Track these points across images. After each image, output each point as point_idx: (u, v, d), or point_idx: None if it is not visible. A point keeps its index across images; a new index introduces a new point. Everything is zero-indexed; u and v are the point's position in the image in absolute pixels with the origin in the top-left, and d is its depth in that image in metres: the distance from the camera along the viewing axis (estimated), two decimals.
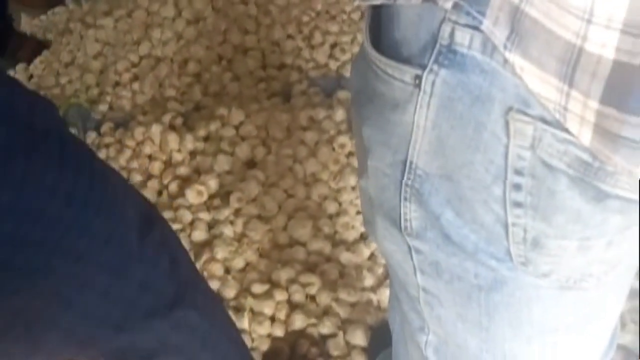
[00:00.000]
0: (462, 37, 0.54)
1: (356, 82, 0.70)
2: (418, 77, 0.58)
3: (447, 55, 0.56)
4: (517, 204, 0.58)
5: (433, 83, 0.57)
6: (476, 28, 0.53)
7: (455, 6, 0.53)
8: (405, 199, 0.66)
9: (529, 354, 0.72)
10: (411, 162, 0.63)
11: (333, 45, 2.23)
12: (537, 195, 0.57)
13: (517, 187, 0.57)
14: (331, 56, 2.21)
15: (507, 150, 0.56)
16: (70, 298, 0.81)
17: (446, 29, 0.55)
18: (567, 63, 0.49)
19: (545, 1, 0.49)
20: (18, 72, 2.32)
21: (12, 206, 0.71)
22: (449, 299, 0.71)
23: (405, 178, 0.65)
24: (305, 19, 2.30)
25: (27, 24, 2.54)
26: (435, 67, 0.57)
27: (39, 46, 2.41)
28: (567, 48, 0.49)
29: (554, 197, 0.56)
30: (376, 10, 0.64)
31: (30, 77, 2.32)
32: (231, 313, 1.53)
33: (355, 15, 2.30)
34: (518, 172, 0.56)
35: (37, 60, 2.36)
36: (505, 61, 0.53)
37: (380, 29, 0.63)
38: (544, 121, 0.53)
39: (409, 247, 0.70)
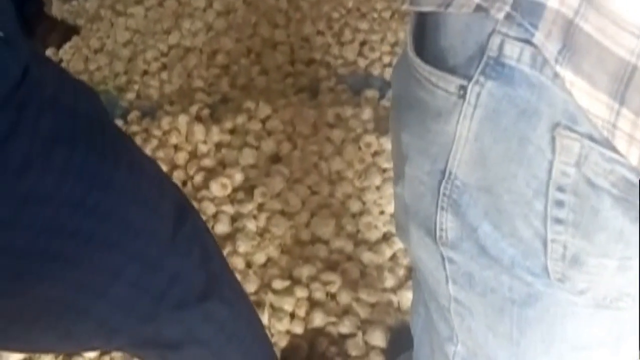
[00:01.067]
0: (512, 49, 0.53)
1: (397, 88, 0.70)
2: (463, 88, 0.57)
3: (494, 67, 0.55)
4: (558, 221, 0.57)
5: (478, 94, 0.56)
6: (527, 41, 0.52)
7: (508, 17, 0.52)
8: (442, 208, 0.65)
9: None
10: (450, 172, 0.63)
11: (362, 43, 2.22)
12: (579, 212, 0.56)
13: (560, 203, 0.57)
14: (360, 54, 2.20)
15: (552, 166, 0.55)
16: (103, 288, 0.81)
17: (495, 40, 0.54)
18: (619, 80, 0.49)
19: (600, 17, 0.48)
20: None
21: (53, 193, 0.71)
22: (481, 311, 0.70)
23: (443, 188, 0.64)
24: (336, 15, 2.29)
25: (58, 9, 2.55)
26: (481, 79, 0.56)
27: (69, 31, 2.42)
28: (621, 65, 0.48)
29: (596, 216, 0.55)
30: (421, 16, 0.63)
31: (60, 62, 2.33)
32: None
33: (386, 14, 2.29)
34: (561, 189, 0.56)
35: (66, 46, 2.37)
36: (555, 76, 0.52)
37: (424, 36, 0.63)
38: (592, 139, 0.52)
39: (443, 257, 0.69)
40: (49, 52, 2.35)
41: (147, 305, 0.87)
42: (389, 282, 1.60)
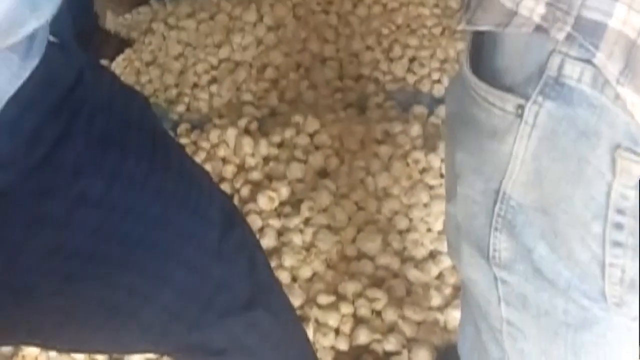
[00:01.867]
0: (572, 69, 0.53)
1: (452, 106, 0.70)
2: (520, 107, 0.57)
3: (554, 87, 0.54)
4: (617, 244, 0.56)
5: (536, 114, 0.56)
6: (588, 61, 0.52)
7: (569, 37, 0.52)
8: (496, 229, 0.65)
9: None
10: (504, 193, 0.62)
11: (412, 59, 2.22)
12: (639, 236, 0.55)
13: (619, 226, 0.56)
14: (409, 70, 2.19)
15: (611, 188, 0.54)
16: (151, 294, 0.82)
17: (555, 60, 0.54)
18: None
19: None
20: None
21: (104, 197, 0.72)
22: (534, 334, 0.69)
23: (497, 208, 0.63)
24: (385, 31, 2.29)
25: (111, 21, 2.60)
26: (539, 99, 0.55)
27: (122, 44, 2.46)
28: None
29: None
30: (479, 36, 0.63)
31: (104, 66, 2.37)
32: None
33: (436, 31, 2.28)
34: (620, 212, 0.55)
35: (119, 58, 2.41)
36: (617, 97, 0.51)
37: (481, 54, 0.62)
38: None
39: (495, 278, 0.68)
40: (102, 64, 2.38)
41: (194, 312, 0.87)
42: (435, 300, 1.59)
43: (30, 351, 1.54)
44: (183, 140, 2.04)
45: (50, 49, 0.67)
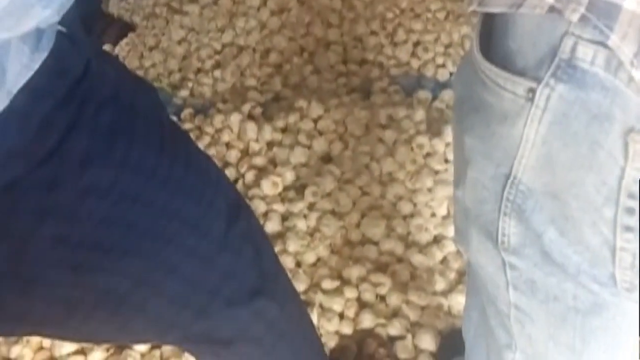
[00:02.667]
0: (585, 52, 0.52)
1: (460, 90, 0.69)
2: (532, 90, 0.56)
3: (566, 70, 0.54)
4: (628, 228, 0.56)
5: (548, 97, 0.55)
6: (601, 43, 0.51)
7: (582, 19, 0.51)
8: (505, 214, 0.64)
9: None
10: (515, 177, 0.62)
11: (416, 44, 2.21)
12: None
13: (630, 211, 0.55)
14: (413, 54, 2.18)
15: (623, 172, 0.54)
16: (159, 283, 0.82)
17: (568, 42, 0.53)
18: None
19: None
20: None
21: (112, 186, 0.72)
22: (542, 319, 0.69)
23: (506, 192, 0.63)
24: (390, 15, 2.28)
25: (114, 6, 2.58)
26: (552, 82, 0.55)
27: (125, 28, 2.45)
28: None
29: None
30: (489, 18, 0.62)
31: (112, 56, 2.36)
32: None
33: (440, 15, 2.27)
34: (632, 196, 0.54)
35: (122, 42, 2.40)
36: (630, 79, 0.51)
37: (492, 37, 0.62)
38: None
39: (504, 262, 0.68)
40: (105, 48, 2.38)
41: (201, 302, 0.88)
42: (440, 285, 1.59)
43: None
44: (187, 125, 2.04)
45: (59, 39, 0.67)
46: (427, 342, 1.50)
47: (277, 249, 1.67)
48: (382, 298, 1.59)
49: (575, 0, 0.51)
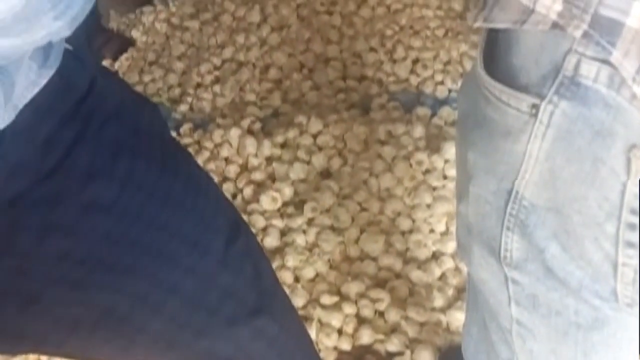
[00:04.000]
0: (588, 69, 0.53)
1: (464, 106, 0.70)
2: (535, 107, 0.57)
3: (569, 87, 0.54)
4: (630, 244, 0.56)
5: (551, 114, 0.56)
6: (604, 61, 0.52)
7: (585, 35, 0.52)
8: (508, 228, 0.65)
9: None
10: (517, 192, 0.62)
11: (415, 61, 2.22)
12: None
13: (632, 226, 0.56)
14: (412, 71, 2.19)
15: (625, 188, 0.55)
16: (159, 302, 0.82)
17: (571, 60, 0.54)
18: None
19: None
20: None
21: (114, 202, 0.72)
22: (544, 334, 0.69)
23: (509, 208, 0.63)
24: (389, 32, 2.29)
25: (114, 21, 2.60)
26: (555, 98, 0.55)
27: (125, 43, 2.46)
28: None
29: None
30: (493, 34, 0.63)
31: (115, 73, 2.37)
32: None
33: (439, 32, 2.29)
34: (634, 212, 0.55)
35: (122, 57, 2.41)
36: (633, 97, 0.51)
37: (495, 53, 0.62)
38: None
39: (506, 277, 0.69)
40: (105, 63, 2.39)
41: (201, 321, 0.87)
42: (438, 301, 1.59)
43: None
44: (186, 140, 2.04)
45: (66, 57, 0.67)
46: (426, 358, 1.49)
47: (276, 264, 1.68)
48: (381, 314, 1.59)
49: (579, 17, 0.52)
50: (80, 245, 0.72)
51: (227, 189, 1.90)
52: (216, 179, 1.92)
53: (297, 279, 1.67)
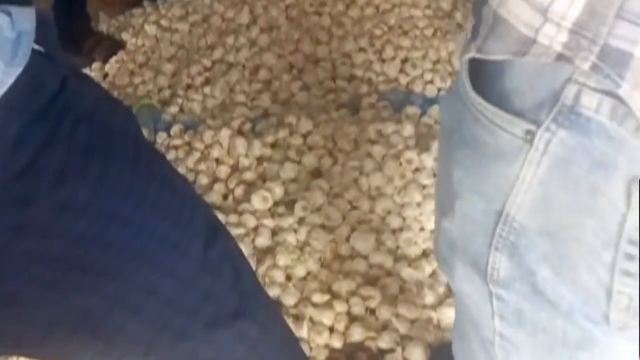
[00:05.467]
0: (590, 100, 0.52)
1: (448, 121, 0.67)
2: (530, 133, 0.55)
3: (568, 116, 0.53)
4: (627, 273, 0.56)
5: (548, 142, 0.55)
6: (607, 92, 0.50)
7: (594, 67, 0.50)
8: (497, 249, 0.63)
9: None
10: (508, 215, 0.61)
11: (404, 60, 2.23)
12: None
13: (630, 257, 0.55)
14: (402, 71, 2.20)
15: (624, 219, 0.54)
16: (138, 305, 0.81)
17: (571, 89, 0.52)
18: None
19: None
20: (94, 71, 2.38)
21: (88, 204, 0.71)
22: (529, 349, 0.68)
23: (499, 229, 0.62)
24: (378, 32, 2.30)
25: (104, 23, 2.60)
26: (552, 126, 0.54)
27: (115, 46, 2.46)
28: None
29: None
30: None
31: (105, 75, 2.37)
32: (291, 321, 1.54)
33: (428, 32, 2.30)
34: (633, 242, 0.54)
35: (112, 60, 2.41)
36: (637, 129, 0.50)
37: (484, 75, 0.60)
38: None
39: (490, 293, 0.67)
40: (95, 66, 2.39)
41: (181, 323, 0.86)
42: (429, 298, 1.60)
43: None
44: (177, 141, 2.05)
45: (35, 56, 0.67)
46: (417, 355, 1.50)
47: (267, 263, 1.68)
48: (372, 311, 1.59)
49: (586, 48, 0.50)
50: (53, 246, 0.71)
51: (218, 189, 1.90)
52: (207, 180, 1.93)
53: (288, 278, 1.67)
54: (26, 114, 0.66)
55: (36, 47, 0.68)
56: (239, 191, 1.88)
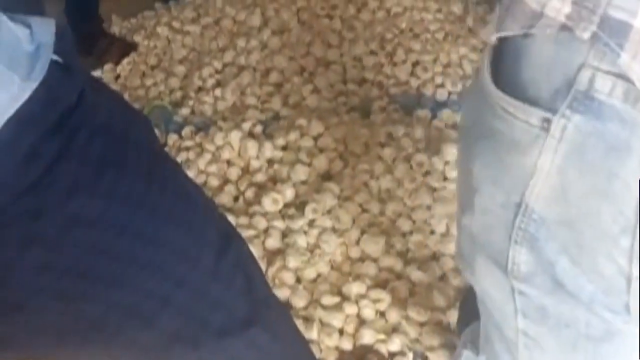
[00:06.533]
0: (603, 84, 0.52)
1: (468, 117, 0.69)
2: (547, 121, 0.56)
3: (583, 101, 0.54)
4: None
5: (564, 128, 0.55)
6: (619, 75, 0.51)
7: (593, 37, 0.51)
8: (516, 242, 0.64)
9: None
10: (527, 206, 0.61)
11: (415, 64, 2.23)
12: None
13: None
14: (412, 74, 2.21)
15: None
16: (149, 314, 0.81)
17: (586, 74, 0.53)
18: None
19: None
20: (105, 72, 2.39)
21: (100, 216, 0.71)
22: (552, 346, 0.69)
23: (518, 221, 0.62)
24: (389, 36, 2.31)
25: (117, 25, 2.61)
26: (568, 112, 0.55)
27: (127, 48, 2.47)
28: None
29: None
30: (500, 47, 0.62)
31: (117, 77, 2.38)
32: (301, 323, 1.54)
33: (439, 35, 2.30)
34: None
35: (124, 62, 2.42)
36: None
37: (503, 66, 0.61)
38: None
39: (513, 289, 0.68)
40: (107, 67, 2.40)
41: (192, 333, 0.87)
42: (439, 301, 1.60)
43: None
44: (188, 143, 2.06)
45: (53, 68, 0.66)
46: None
47: (277, 265, 1.69)
48: (382, 314, 1.59)
49: (587, 18, 0.51)
50: (63, 257, 0.70)
51: (229, 191, 1.91)
52: (218, 182, 1.93)
53: (298, 280, 1.68)
54: (40, 128, 0.65)
55: (54, 57, 0.67)
56: (249, 193, 1.89)
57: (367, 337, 1.54)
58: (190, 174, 1.84)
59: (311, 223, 1.78)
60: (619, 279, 0.59)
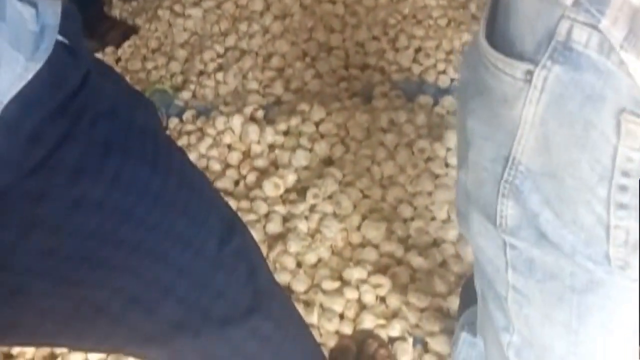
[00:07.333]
0: (580, 34, 0.54)
1: (465, 73, 0.71)
2: (529, 73, 0.58)
3: (562, 52, 0.55)
4: (622, 206, 0.58)
5: (545, 79, 0.57)
6: (595, 27, 0.53)
7: (575, 3, 0.53)
8: (503, 195, 0.66)
9: (618, 358, 0.71)
10: (514, 158, 0.63)
11: (417, 50, 2.22)
12: None
13: (623, 188, 0.57)
14: (415, 60, 2.20)
15: (616, 151, 0.55)
16: (152, 302, 0.81)
17: (564, 25, 0.54)
18: None
19: None
20: (106, 55, 2.38)
21: (103, 201, 0.71)
22: (539, 299, 0.70)
23: (506, 174, 0.64)
24: (392, 21, 2.30)
25: (117, 8, 2.60)
26: (548, 63, 0.56)
27: (128, 31, 2.46)
28: None
29: None
30: (495, 4, 0.64)
31: (118, 60, 2.37)
32: (301, 307, 1.54)
33: (442, 22, 2.29)
34: (625, 174, 0.56)
35: (125, 45, 2.41)
36: (621, 62, 0.52)
37: (495, 23, 0.63)
38: None
39: (504, 243, 0.70)
40: (108, 50, 2.39)
41: (195, 321, 0.87)
42: (439, 287, 1.60)
43: None
44: (189, 127, 2.05)
45: (58, 50, 0.66)
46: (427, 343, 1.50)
47: (278, 249, 1.69)
48: (382, 299, 1.60)
49: None
50: (66, 241, 0.70)
51: (230, 175, 1.91)
52: (219, 166, 1.93)
53: (299, 265, 1.68)
54: (44, 109, 0.65)
55: (60, 38, 0.67)
56: (250, 178, 1.89)
57: (368, 322, 1.55)
58: (191, 158, 1.83)
59: (312, 208, 1.79)
60: (598, 229, 0.60)
